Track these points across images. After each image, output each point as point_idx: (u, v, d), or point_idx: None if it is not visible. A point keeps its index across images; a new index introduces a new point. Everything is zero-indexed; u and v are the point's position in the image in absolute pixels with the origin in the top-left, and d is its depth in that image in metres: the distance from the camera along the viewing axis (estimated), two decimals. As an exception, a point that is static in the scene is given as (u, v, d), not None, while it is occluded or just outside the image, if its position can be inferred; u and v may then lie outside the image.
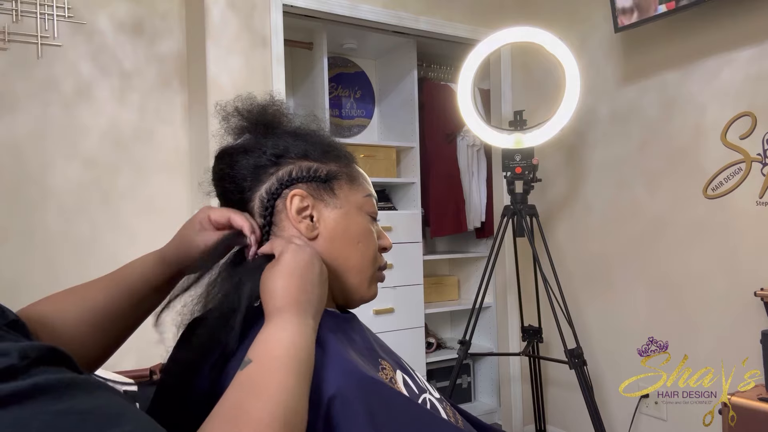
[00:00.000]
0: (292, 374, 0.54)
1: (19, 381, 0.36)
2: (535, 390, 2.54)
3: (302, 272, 0.63)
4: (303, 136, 0.73)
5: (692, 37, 2.10)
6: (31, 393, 0.36)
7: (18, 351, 0.37)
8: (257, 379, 0.53)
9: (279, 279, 0.62)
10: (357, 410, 0.57)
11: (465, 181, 3.12)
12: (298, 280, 0.62)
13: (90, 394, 0.39)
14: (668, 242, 2.19)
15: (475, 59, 2.20)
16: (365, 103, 3.17)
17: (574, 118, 2.15)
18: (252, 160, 0.71)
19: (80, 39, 2.10)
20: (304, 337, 0.58)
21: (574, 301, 2.46)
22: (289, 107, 0.76)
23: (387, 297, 2.62)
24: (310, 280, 0.63)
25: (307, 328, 0.59)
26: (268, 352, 0.56)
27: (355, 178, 0.75)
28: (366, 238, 0.73)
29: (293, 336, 0.57)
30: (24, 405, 0.35)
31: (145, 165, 2.20)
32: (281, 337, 0.57)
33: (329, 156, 0.73)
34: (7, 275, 1.93)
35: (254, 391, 0.52)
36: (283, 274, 0.62)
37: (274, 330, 0.58)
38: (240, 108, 0.74)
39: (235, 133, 0.75)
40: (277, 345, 0.56)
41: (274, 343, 0.57)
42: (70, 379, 0.39)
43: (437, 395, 0.74)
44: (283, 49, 2.21)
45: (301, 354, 0.56)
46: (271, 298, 0.61)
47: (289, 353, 0.55)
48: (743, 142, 1.95)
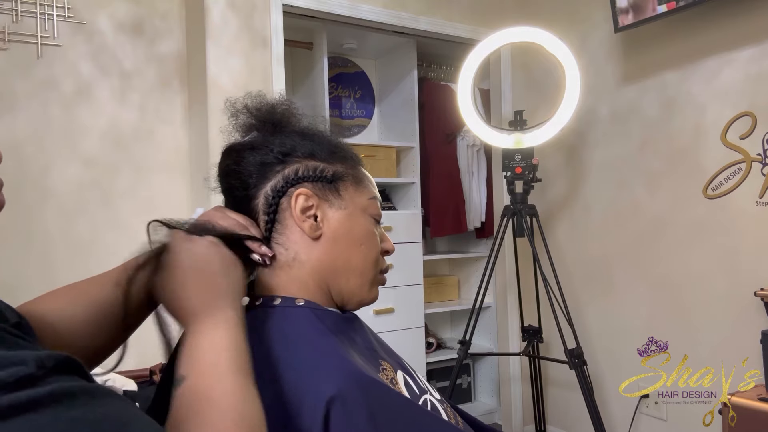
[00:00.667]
0: (233, 377, 0.51)
1: (37, 388, 0.37)
2: (535, 390, 2.54)
3: (203, 265, 0.59)
4: (310, 135, 0.73)
5: (692, 37, 2.10)
6: (48, 401, 0.37)
7: (35, 360, 0.38)
8: (200, 394, 0.49)
9: (178, 283, 0.58)
10: (358, 411, 0.57)
11: (465, 181, 3.12)
12: (202, 276, 0.58)
13: (100, 402, 0.40)
14: (668, 242, 2.19)
15: (475, 59, 2.20)
16: (365, 103, 3.17)
17: (574, 118, 2.15)
18: (259, 158, 0.71)
19: (80, 39, 2.10)
20: (230, 333, 0.55)
21: (574, 301, 2.46)
22: (298, 107, 0.76)
23: (387, 297, 2.62)
24: (213, 272, 0.59)
25: (233, 323, 0.56)
26: (201, 363, 0.52)
27: (361, 180, 0.75)
28: (369, 241, 0.73)
29: (220, 338, 0.54)
30: (40, 412, 0.36)
31: (145, 165, 2.20)
32: (208, 344, 0.53)
33: (336, 157, 0.73)
34: (7, 275, 1.92)
35: (200, 409, 0.48)
36: (181, 276, 0.58)
37: (196, 338, 0.54)
38: (249, 105, 0.74)
39: (243, 130, 0.75)
40: (209, 353, 0.53)
41: (205, 352, 0.53)
42: (83, 387, 0.40)
43: (438, 396, 0.74)
44: (283, 49, 2.21)
45: (233, 353, 0.53)
46: (178, 305, 0.58)
47: (223, 357, 0.52)
48: (743, 142, 1.95)
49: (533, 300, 2.44)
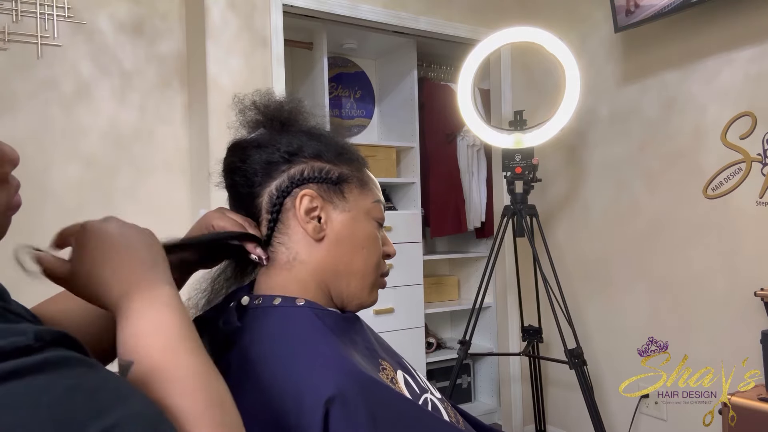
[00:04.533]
0: (191, 355, 0.48)
1: (33, 356, 0.37)
2: (535, 390, 2.54)
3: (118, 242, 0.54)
4: (317, 136, 0.73)
5: (692, 37, 2.10)
6: (43, 367, 0.37)
7: (34, 332, 0.38)
8: (160, 378, 0.46)
9: (98, 267, 0.52)
10: (358, 411, 0.57)
11: (465, 181, 3.12)
12: (120, 254, 0.53)
13: (99, 374, 0.40)
14: (668, 242, 2.19)
15: (475, 59, 2.20)
16: (365, 103, 3.17)
17: (574, 118, 2.15)
18: (265, 156, 0.70)
19: (80, 39, 2.10)
20: (172, 310, 0.50)
21: (574, 301, 2.46)
22: (306, 107, 0.76)
23: (387, 297, 2.62)
24: (133, 246, 0.54)
25: (168, 296, 0.51)
26: (150, 347, 0.48)
27: (366, 183, 0.74)
28: (371, 244, 0.73)
29: (163, 317, 0.49)
30: (36, 377, 0.36)
31: (145, 165, 2.20)
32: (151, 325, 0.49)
33: (342, 159, 0.73)
34: (7, 275, 1.92)
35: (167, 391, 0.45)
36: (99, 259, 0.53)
37: (135, 321, 0.49)
38: (257, 102, 0.74)
39: (250, 126, 0.75)
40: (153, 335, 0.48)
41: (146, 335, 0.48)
42: (80, 358, 0.40)
43: (439, 395, 0.74)
44: (283, 49, 2.21)
45: (184, 331, 0.49)
46: (105, 290, 0.52)
47: (172, 337, 0.48)
48: (743, 142, 1.95)
49: (533, 300, 2.44)
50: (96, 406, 0.37)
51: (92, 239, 0.54)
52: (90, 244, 0.54)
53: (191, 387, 0.46)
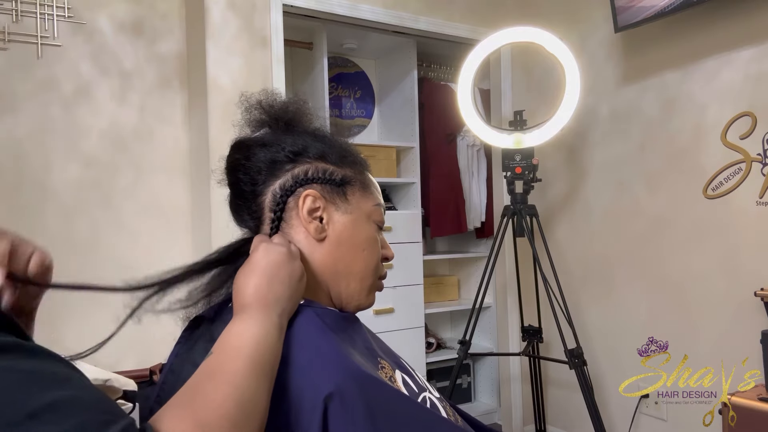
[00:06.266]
0: (249, 362, 0.54)
1: None
2: (535, 390, 2.54)
3: (271, 271, 0.63)
4: (322, 137, 0.74)
5: (692, 37, 2.10)
6: None
7: None
8: (214, 366, 0.54)
9: (246, 277, 0.63)
10: (356, 408, 0.57)
11: (465, 181, 3.12)
12: (266, 278, 0.62)
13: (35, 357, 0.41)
14: (668, 242, 2.19)
15: (475, 59, 2.20)
16: (365, 103, 3.17)
17: (574, 118, 2.15)
18: (269, 155, 0.71)
19: (80, 39, 2.10)
20: (265, 331, 0.58)
21: (574, 301, 2.46)
22: (310, 108, 0.77)
23: (387, 297, 2.62)
24: (280, 278, 0.63)
25: (271, 324, 0.59)
26: (228, 343, 0.56)
27: (368, 185, 0.75)
28: (371, 247, 0.74)
29: (254, 329, 0.57)
30: None
31: (145, 165, 2.20)
32: (241, 330, 0.57)
33: (346, 161, 0.74)
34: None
35: (210, 376, 0.53)
36: (251, 273, 0.63)
37: (236, 325, 0.59)
38: (263, 101, 0.74)
39: (255, 125, 0.75)
40: (237, 337, 0.57)
41: (234, 336, 0.57)
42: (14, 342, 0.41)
43: (437, 394, 0.74)
44: (283, 49, 2.21)
45: (261, 347, 0.56)
46: (238, 295, 0.62)
47: (248, 344, 0.56)
48: (743, 142, 1.95)
49: (533, 300, 2.44)
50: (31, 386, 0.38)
51: (257, 254, 0.64)
52: (253, 257, 0.65)
53: (223, 381, 0.52)
